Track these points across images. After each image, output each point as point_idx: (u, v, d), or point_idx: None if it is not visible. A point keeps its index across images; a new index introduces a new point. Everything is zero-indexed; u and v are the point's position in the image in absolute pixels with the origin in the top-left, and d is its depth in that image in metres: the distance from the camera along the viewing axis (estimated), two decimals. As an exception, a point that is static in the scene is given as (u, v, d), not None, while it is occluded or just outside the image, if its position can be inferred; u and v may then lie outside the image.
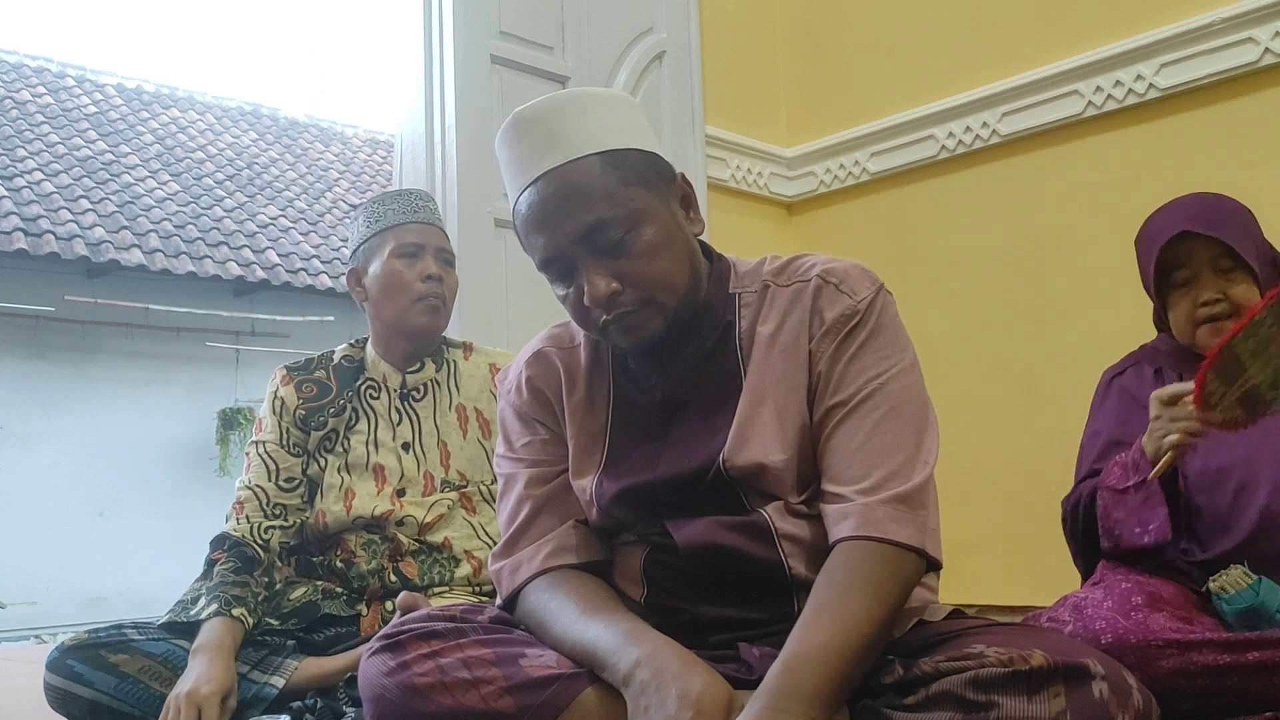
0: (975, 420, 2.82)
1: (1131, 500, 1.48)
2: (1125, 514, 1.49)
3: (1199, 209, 1.57)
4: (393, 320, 1.78)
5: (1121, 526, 1.49)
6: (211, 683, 1.45)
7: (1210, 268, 1.54)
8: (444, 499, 1.76)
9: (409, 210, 1.81)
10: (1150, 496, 1.45)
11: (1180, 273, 1.56)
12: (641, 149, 1.11)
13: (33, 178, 9.37)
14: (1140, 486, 1.46)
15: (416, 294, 1.76)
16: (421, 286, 1.76)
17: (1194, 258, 1.54)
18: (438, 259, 1.80)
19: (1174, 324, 1.59)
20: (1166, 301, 1.59)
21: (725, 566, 1.09)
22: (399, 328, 1.79)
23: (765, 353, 1.14)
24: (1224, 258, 1.53)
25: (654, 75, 3.00)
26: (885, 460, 1.05)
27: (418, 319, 1.77)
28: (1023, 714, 0.87)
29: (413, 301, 1.76)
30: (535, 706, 1.00)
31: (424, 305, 1.76)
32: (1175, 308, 1.58)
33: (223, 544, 1.70)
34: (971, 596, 2.69)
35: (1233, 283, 1.52)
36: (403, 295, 1.76)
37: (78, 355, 9.30)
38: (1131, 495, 1.48)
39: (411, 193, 1.85)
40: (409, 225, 1.79)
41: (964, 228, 2.95)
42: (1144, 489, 1.46)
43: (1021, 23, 2.85)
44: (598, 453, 1.19)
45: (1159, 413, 1.42)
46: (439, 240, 1.82)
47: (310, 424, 1.79)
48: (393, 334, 1.81)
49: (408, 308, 1.76)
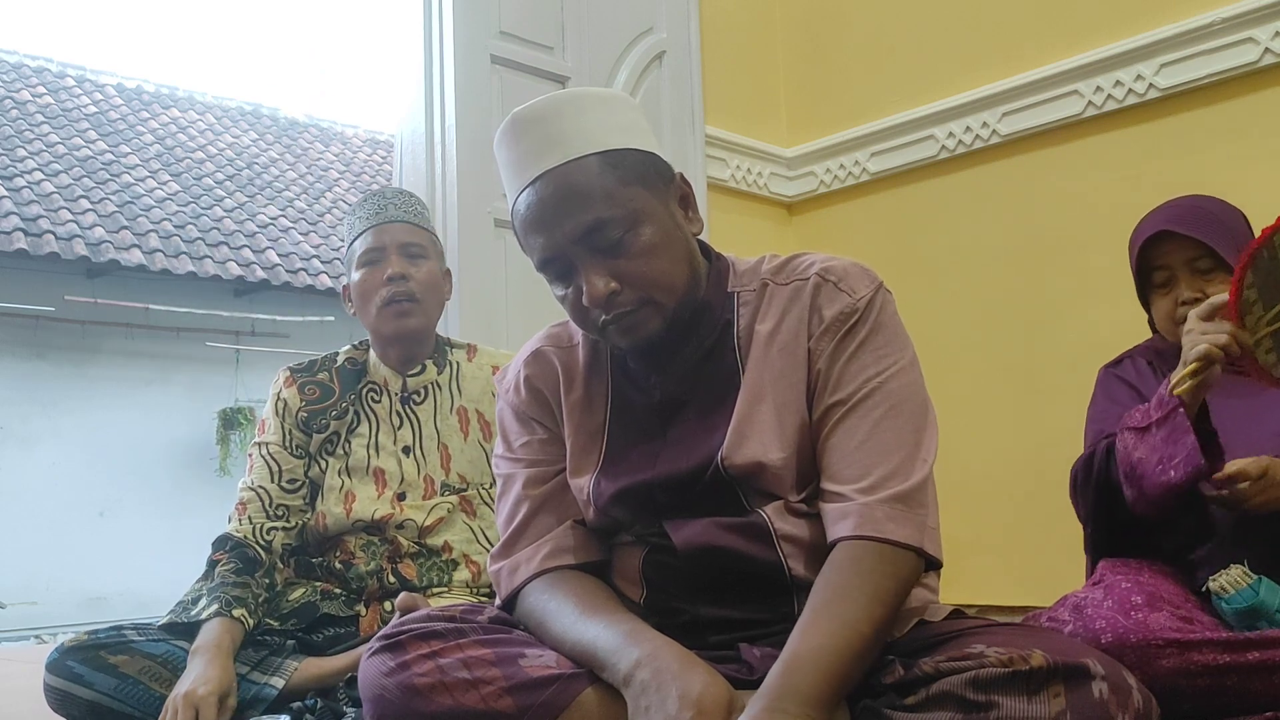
0: (975, 420, 2.82)
1: (1154, 436, 1.36)
2: (1147, 451, 1.38)
3: (1181, 210, 1.59)
4: (372, 328, 1.79)
5: (1144, 466, 1.38)
6: (209, 683, 1.44)
7: (1188, 269, 1.56)
8: (444, 502, 1.76)
9: (371, 215, 1.79)
10: (1175, 428, 1.34)
11: (1160, 273, 1.59)
12: (640, 149, 1.11)
13: (33, 178, 9.37)
14: (1164, 421, 1.35)
15: (381, 300, 1.74)
16: (384, 291, 1.74)
17: (1173, 259, 1.56)
18: (402, 255, 1.76)
19: (1157, 322, 1.62)
20: (1148, 301, 1.63)
21: (724, 567, 1.09)
22: (379, 334, 1.79)
23: (764, 351, 1.14)
24: (1204, 259, 1.54)
25: (654, 75, 3.00)
26: (884, 459, 1.05)
27: (386, 325, 1.76)
28: (1023, 714, 0.87)
29: (379, 308, 1.75)
30: (535, 707, 1.00)
31: (391, 310, 1.74)
32: (1155, 307, 1.61)
33: (224, 545, 1.70)
34: (971, 596, 2.69)
35: (1211, 283, 1.53)
36: (370, 303, 1.76)
37: (78, 355, 9.30)
38: (1154, 431, 1.36)
39: (379, 194, 1.83)
40: (368, 231, 1.78)
41: (964, 228, 2.94)
42: (1168, 422, 1.34)
43: (1021, 23, 2.85)
44: (595, 452, 1.18)
45: (1192, 326, 1.35)
46: (401, 236, 1.77)
47: (312, 426, 1.79)
48: (378, 341, 1.82)
49: (376, 315, 1.76)
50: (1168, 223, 1.55)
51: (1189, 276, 1.55)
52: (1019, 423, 2.79)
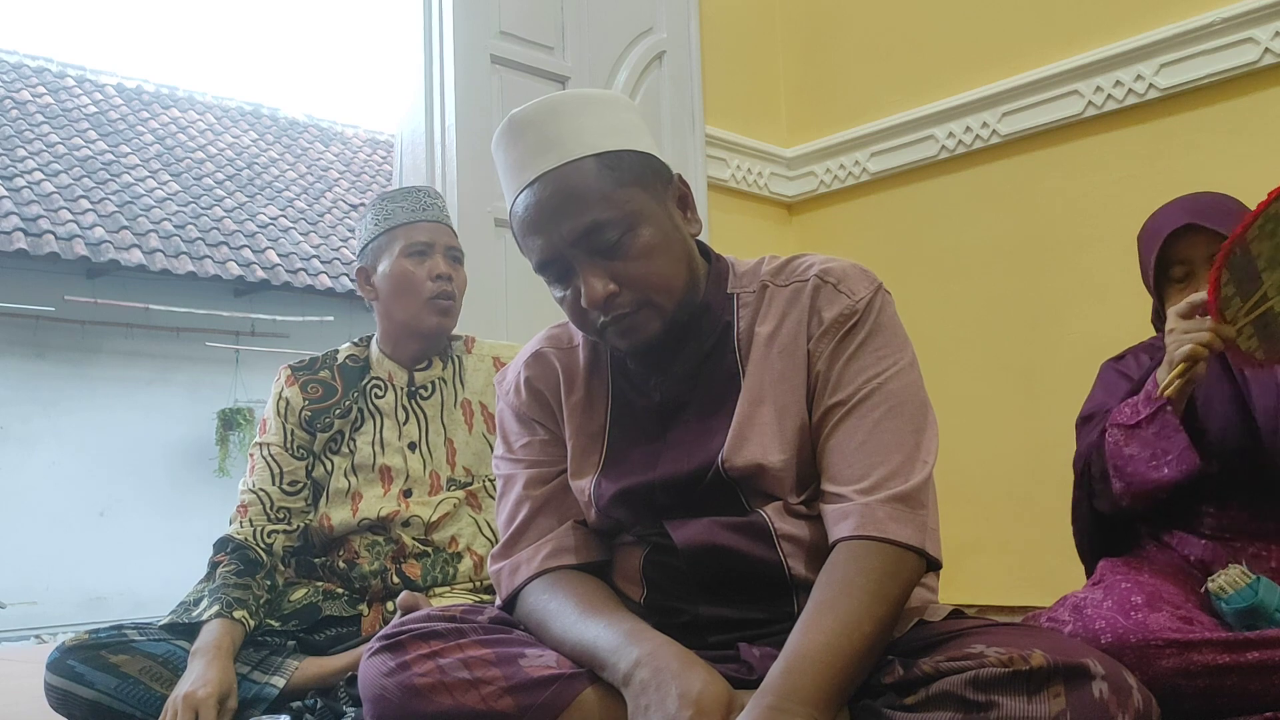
0: (975, 420, 2.82)
1: (1145, 432, 1.38)
2: (1138, 448, 1.39)
3: (1202, 205, 1.57)
4: (404, 320, 1.77)
5: (1134, 463, 1.40)
6: (209, 684, 1.44)
7: (1207, 264, 1.53)
8: (450, 497, 1.76)
9: (418, 208, 1.80)
10: (1165, 425, 1.35)
11: (1178, 268, 1.56)
12: (638, 150, 1.11)
13: (33, 178, 9.36)
14: (1154, 418, 1.36)
15: (428, 293, 1.75)
16: (432, 286, 1.75)
17: (1193, 253, 1.54)
18: (447, 257, 1.79)
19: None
20: (1164, 296, 1.59)
21: (724, 567, 1.09)
22: (410, 327, 1.78)
23: (764, 353, 1.14)
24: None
25: (654, 75, 3.00)
26: (885, 460, 1.05)
27: (429, 319, 1.76)
28: (1023, 714, 0.87)
29: (425, 301, 1.75)
30: (535, 707, 1.00)
31: (435, 305, 1.75)
32: (1171, 302, 1.58)
33: (226, 547, 1.70)
34: (971, 596, 2.70)
35: None
36: (414, 295, 1.75)
37: (78, 355, 9.29)
38: (1144, 428, 1.37)
39: (420, 190, 1.84)
40: (418, 224, 1.78)
41: (964, 228, 2.95)
42: (1158, 419, 1.36)
43: (1021, 23, 2.85)
44: (596, 454, 1.18)
45: (1174, 325, 1.36)
46: (448, 238, 1.81)
47: (316, 425, 1.79)
48: (403, 333, 1.80)
49: (420, 308, 1.75)
50: (1193, 216, 1.53)
51: (1208, 271, 1.54)
52: (1019, 423, 2.79)
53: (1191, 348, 1.32)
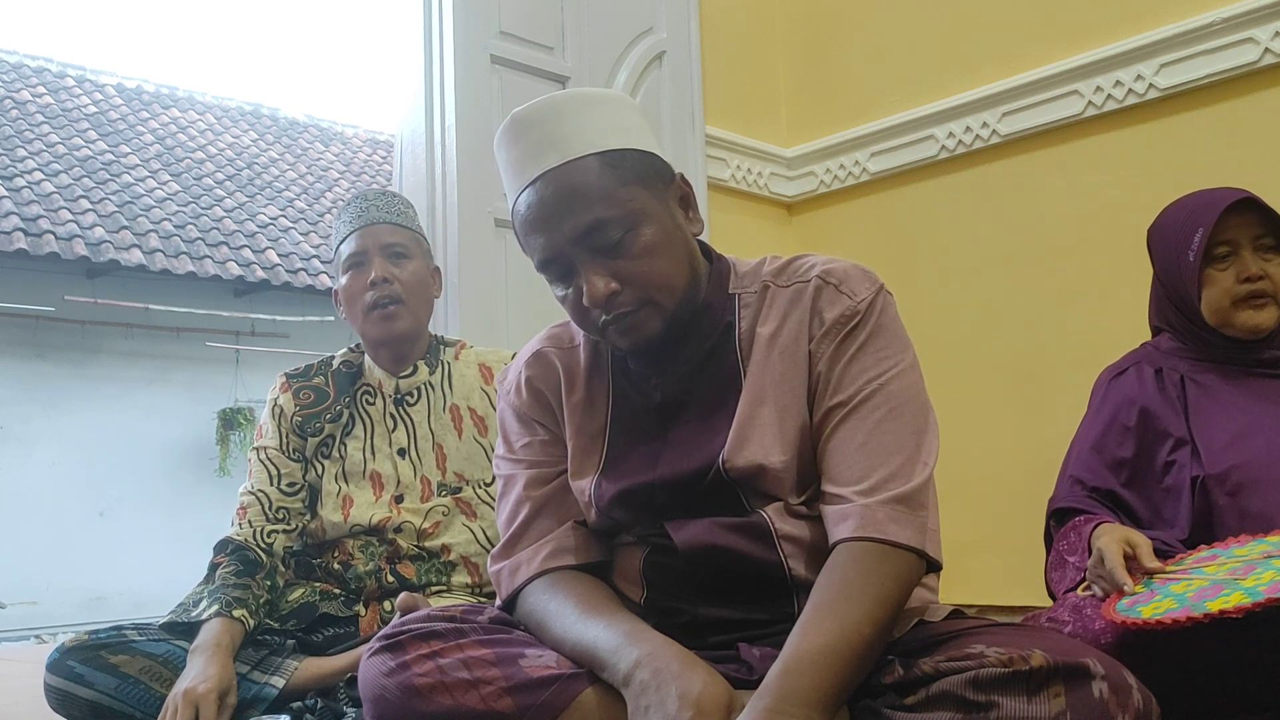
0: (975, 420, 2.82)
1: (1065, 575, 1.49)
2: (1059, 577, 1.50)
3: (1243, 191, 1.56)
4: (360, 333, 1.80)
5: (1056, 586, 1.51)
6: (209, 681, 1.45)
7: (1251, 245, 1.54)
8: (440, 504, 1.75)
9: (353, 219, 1.79)
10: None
11: (1222, 247, 1.55)
12: (639, 149, 1.11)
13: (33, 178, 9.37)
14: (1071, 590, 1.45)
15: (365, 305, 1.74)
16: (369, 295, 1.73)
17: (1239, 234, 1.54)
18: (384, 256, 1.75)
19: (1209, 302, 1.56)
20: (1202, 278, 1.56)
21: (725, 567, 1.09)
22: (368, 338, 1.80)
23: (765, 354, 1.14)
24: (1266, 236, 1.54)
25: (654, 75, 3.00)
26: (885, 461, 1.05)
27: (373, 329, 1.76)
28: (1023, 714, 0.87)
29: (363, 313, 1.75)
30: (535, 707, 1.00)
31: (376, 314, 1.74)
32: (1213, 284, 1.56)
33: (225, 548, 1.71)
34: (971, 596, 2.69)
35: (1270, 262, 1.54)
36: (355, 309, 1.76)
37: (78, 355, 9.29)
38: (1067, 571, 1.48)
39: (361, 197, 1.82)
40: (351, 235, 1.77)
41: (964, 228, 2.94)
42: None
43: (1021, 23, 2.85)
44: (597, 454, 1.18)
45: (1093, 566, 1.38)
46: (384, 237, 1.77)
47: (307, 430, 1.80)
48: (368, 345, 1.83)
49: (363, 320, 1.76)
50: (1245, 193, 1.53)
51: (1251, 253, 1.54)
52: (1019, 423, 2.79)
53: (1099, 591, 1.36)
